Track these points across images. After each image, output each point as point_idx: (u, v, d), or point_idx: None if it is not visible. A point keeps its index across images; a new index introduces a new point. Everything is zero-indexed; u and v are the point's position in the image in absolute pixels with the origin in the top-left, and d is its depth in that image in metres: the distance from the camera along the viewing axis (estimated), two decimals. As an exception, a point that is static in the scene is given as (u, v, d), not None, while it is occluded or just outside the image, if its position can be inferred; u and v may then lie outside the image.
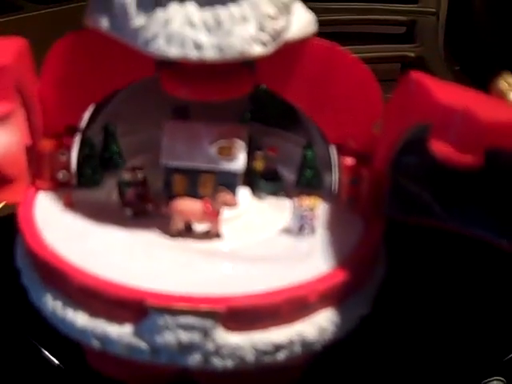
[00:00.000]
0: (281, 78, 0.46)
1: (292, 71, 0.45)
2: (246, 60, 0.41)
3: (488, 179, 0.38)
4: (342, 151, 0.48)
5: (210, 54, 0.40)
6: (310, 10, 0.45)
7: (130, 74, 0.46)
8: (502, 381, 0.51)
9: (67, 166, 0.49)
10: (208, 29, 0.39)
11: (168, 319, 0.40)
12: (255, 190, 0.51)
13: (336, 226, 0.47)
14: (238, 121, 0.55)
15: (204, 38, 0.39)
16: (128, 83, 0.48)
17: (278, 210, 0.50)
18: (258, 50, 0.40)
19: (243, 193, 0.50)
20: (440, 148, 0.37)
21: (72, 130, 0.49)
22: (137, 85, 0.49)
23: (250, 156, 0.50)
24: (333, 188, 0.50)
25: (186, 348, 0.41)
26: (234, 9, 0.40)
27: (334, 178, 0.50)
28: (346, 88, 0.46)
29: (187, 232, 0.46)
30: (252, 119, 0.56)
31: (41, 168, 0.49)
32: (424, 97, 0.39)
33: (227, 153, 0.47)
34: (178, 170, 0.48)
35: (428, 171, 0.40)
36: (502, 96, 0.39)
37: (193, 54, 0.40)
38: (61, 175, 0.49)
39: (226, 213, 0.46)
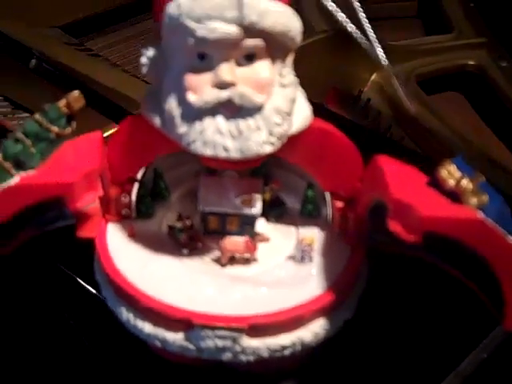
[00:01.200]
0: (287, 151, 0.60)
1: (295, 145, 0.60)
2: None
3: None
4: (334, 196, 0.64)
5: (234, 154, 0.55)
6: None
7: (174, 146, 0.61)
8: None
9: (128, 205, 0.66)
10: (232, 136, 0.55)
11: (208, 332, 0.58)
12: (265, 216, 0.67)
13: (328, 254, 0.64)
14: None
15: (230, 143, 0.55)
16: (172, 151, 0.63)
17: (286, 238, 0.66)
18: (268, 149, 0.56)
19: (260, 223, 0.67)
20: (393, 225, 0.54)
21: (132, 180, 0.66)
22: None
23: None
24: (328, 218, 0.67)
25: (221, 349, 0.59)
26: (250, 121, 0.55)
27: (329, 212, 0.66)
28: (336, 157, 0.61)
29: (232, 260, 0.63)
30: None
31: (109, 208, 0.66)
32: (384, 185, 0.55)
33: (248, 203, 0.63)
34: (211, 213, 0.64)
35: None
36: (442, 182, 0.54)
37: (222, 155, 0.55)
38: (124, 212, 0.66)
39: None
